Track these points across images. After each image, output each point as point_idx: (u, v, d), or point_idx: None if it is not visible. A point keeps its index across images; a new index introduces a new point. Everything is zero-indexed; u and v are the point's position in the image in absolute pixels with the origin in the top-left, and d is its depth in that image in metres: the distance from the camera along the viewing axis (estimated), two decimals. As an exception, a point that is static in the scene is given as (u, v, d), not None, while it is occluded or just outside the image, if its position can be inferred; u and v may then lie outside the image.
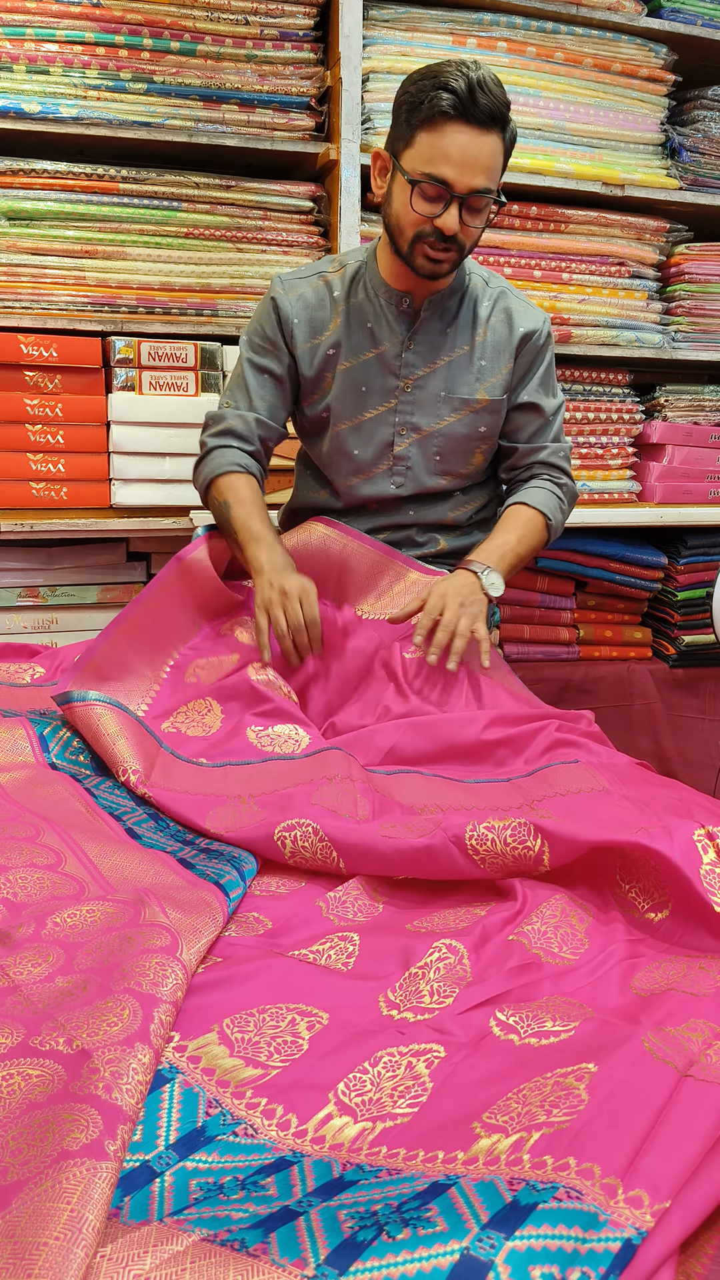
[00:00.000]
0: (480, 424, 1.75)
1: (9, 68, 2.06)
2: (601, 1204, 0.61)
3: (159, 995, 0.83)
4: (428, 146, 1.51)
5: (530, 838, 1.07)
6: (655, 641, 2.69)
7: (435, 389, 1.72)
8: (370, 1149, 0.73)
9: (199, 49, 2.15)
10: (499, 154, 1.53)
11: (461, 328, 1.72)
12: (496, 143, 1.52)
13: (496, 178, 1.55)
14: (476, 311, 1.73)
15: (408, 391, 1.72)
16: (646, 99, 2.49)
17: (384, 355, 1.72)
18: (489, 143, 1.51)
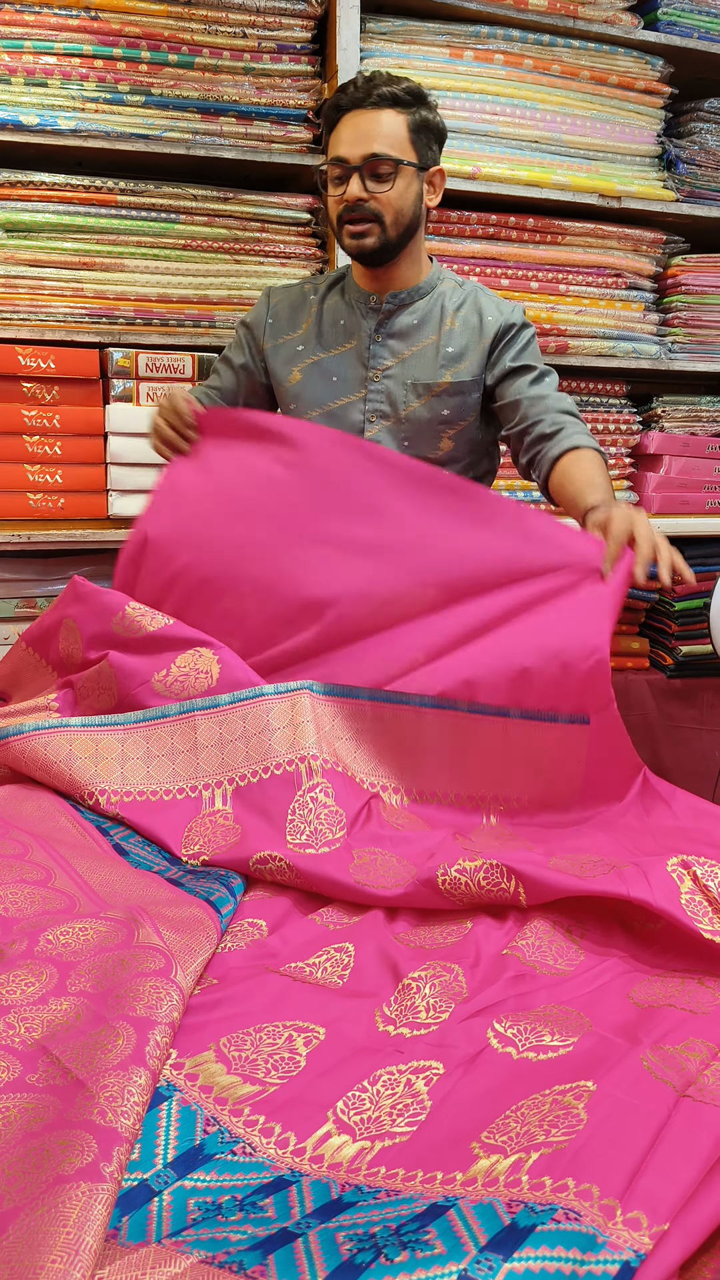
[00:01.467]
0: (444, 407, 1.79)
1: (7, 80, 2.06)
2: (600, 1226, 0.60)
3: (154, 1018, 0.82)
4: (331, 141, 1.69)
5: (504, 879, 1.06)
6: (653, 652, 2.69)
7: (402, 378, 1.79)
8: (369, 1169, 0.72)
9: (197, 62, 2.16)
10: (399, 127, 1.66)
11: (429, 322, 1.80)
12: (394, 117, 1.66)
13: (400, 146, 1.66)
14: (444, 305, 1.80)
15: (376, 381, 1.80)
16: (643, 111, 2.50)
17: (356, 349, 1.81)
18: (381, 117, 1.65)
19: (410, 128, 1.67)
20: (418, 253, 1.79)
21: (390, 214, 1.69)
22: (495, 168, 2.36)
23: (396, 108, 1.66)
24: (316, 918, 1.10)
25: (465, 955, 1.00)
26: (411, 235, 1.74)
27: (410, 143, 1.67)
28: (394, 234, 1.70)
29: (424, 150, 1.70)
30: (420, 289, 1.80)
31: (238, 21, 2.16)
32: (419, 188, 1.72)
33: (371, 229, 1.69)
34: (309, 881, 1.13)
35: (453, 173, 2.31)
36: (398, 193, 1.68)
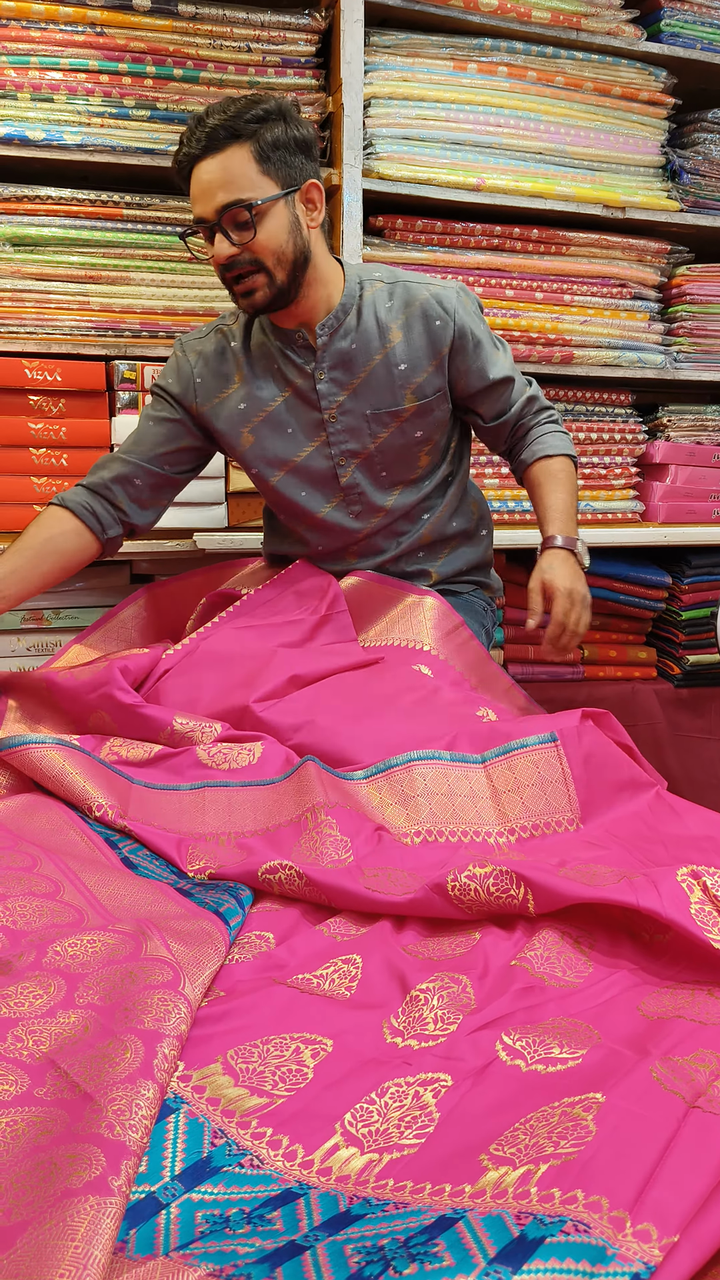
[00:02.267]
0: (416, 429, 1.72)
1: (13, 96, 2.08)
2: (610, 1237, 0.60)
3: (163, 1031, 0.82)
4: (190, 197, 1.55)
5: (513, 886, 1.06)
6: (660, 661, 2.69)
7: (361, 409, 1.69)
8: (377, 1181, 0.72)
9: (202, 76, 2.17)
10: (243, 162, 1.50)
11: (369, 340, 1.67)
12: (236, 154, 1.50)
13: (251, 184, 1.51)
14: (378, 316, 1.67)
15: (334, 421, 1.70)
16: (647, 122, 2.51)
17: (299, 391, 1.70)
18: (220, 161, 1.50)
19: (258, 157, 1.51)
20: (324, 275, 1.64)
21: (270, 258, 1.55)
22: (499, 179, 2.36)
23: (236, 142, 1.50)
24: (324, 929, 1.10)
25: (473, 966, 1.00)
26: (304, 267, 1.59)
27: (263, 174, 1.52)
28: (282, 276, 1.57)
29: (283, 172, 1.54)
30: (344, 306, 1.66)
31: (242, 36, 2.17)
32: (290, 215, 1.56)
33: (256, 281, 1.57)
34: (318, 890, 1.13)
35: (457, 184, 2.32)
36: (267, 234, 1.53)
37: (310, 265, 1.61)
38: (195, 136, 1.51)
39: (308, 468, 1.74)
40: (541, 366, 2.49)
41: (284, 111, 1.55)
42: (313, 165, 1.59)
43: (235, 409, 1.72)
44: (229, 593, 1.85)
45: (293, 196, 1.56)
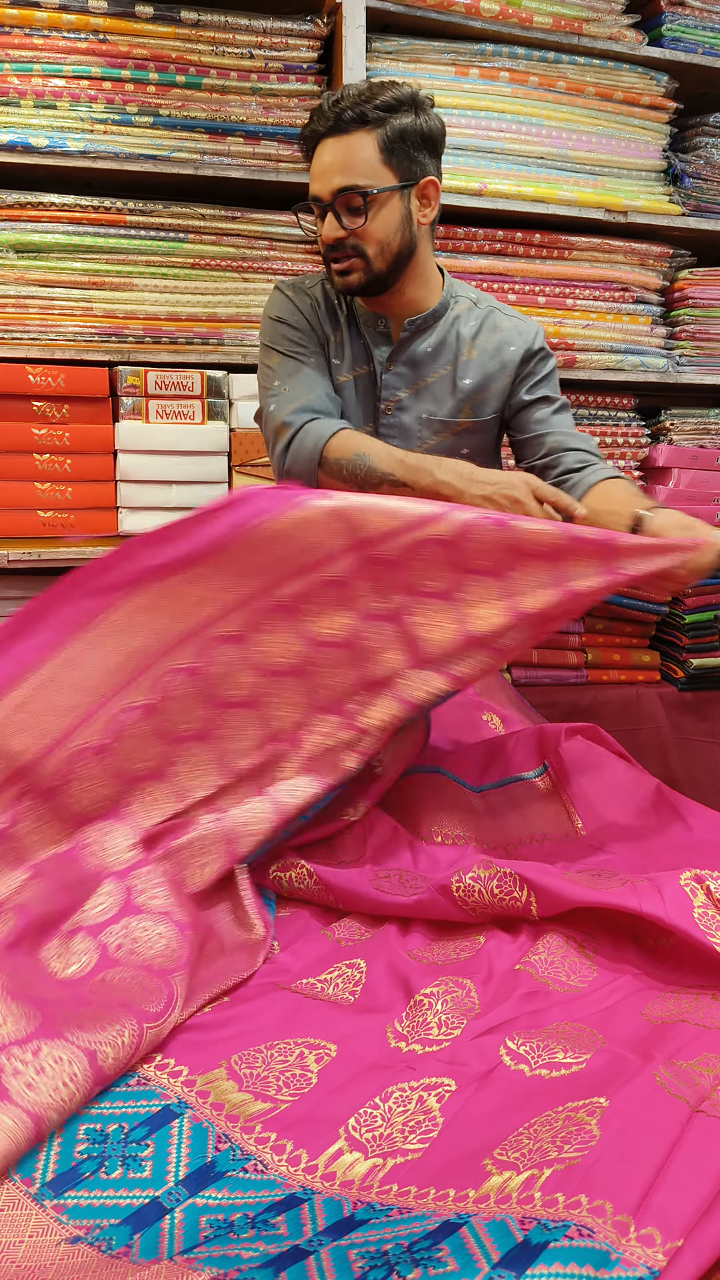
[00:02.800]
0: (462, 445, 1.72)
1: (17, 103, 2.08)
2: (613, 1242, 0.60)
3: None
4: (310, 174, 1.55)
5: (516, 888, 1.06)
6: (664, 665, 2.68)
7: (416, 412, 1.70)
8: (381, 1186, 0.72)
9: (204, 82, 2.17)
10: (369, 149, 1.50)
11: (444, 350, 1.68)
12: (363, 139, 1.50)
13: (372, 172, 1.51)
14: (460, 332, 1.68)
15: (389, 414, 1.70)
16: (648, 126, 2.51)
17: (370, 374, 1.70)
18: (346, 143, 1.50)
19: (382, 146, 1.51)
20: (424, 273, 1.65)
21: (373, 246, 1.55)
22: (502, 184, 2.37)
23: (365, 127, 1.50)
24: (328, 933, 1.10)
25: (477, 971, 1.00)
26: (407, 260, 1.60)
27: (384, 164, 1.52)
28: (380, 265, 1.57)
29: (405, 165, 1.54)
30: (435, 312, 1.67)
31: (244, 43, 2.18)
32: (404, 208, 1.56)
33: (354, 264, 1.56)
34: (327, 889, 1.13)
35: (459, 189, 2.33)
36: (378, 223, 1.54)
37: (413, 262, 1.61)
38: (325, 115, 1.51)
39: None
40: (544, 370, 2.50)
41: (417, 102, 1.54)
42: (435, 162, 1.59)
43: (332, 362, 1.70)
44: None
45: (409, 190, 1.55)
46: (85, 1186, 0.73)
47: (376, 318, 1.66)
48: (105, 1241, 0.68)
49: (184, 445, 2.18)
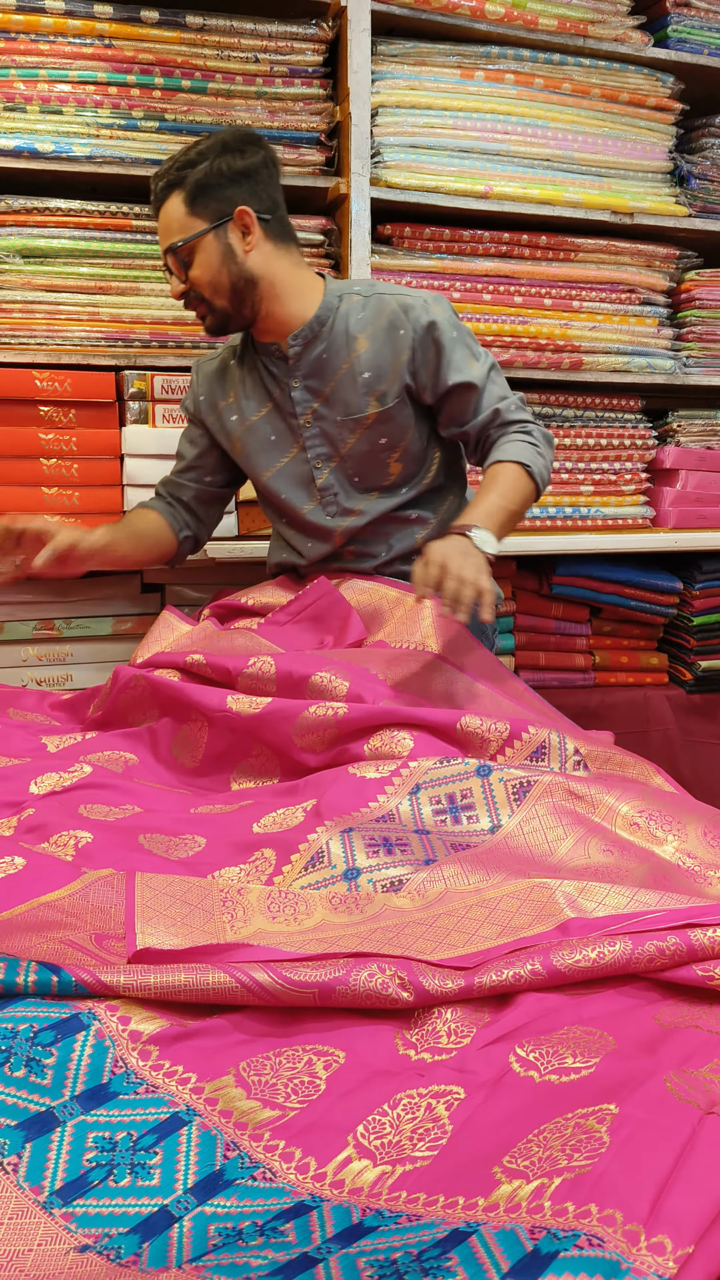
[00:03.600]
0: (380, 436, 1.76)
1: (23, 108, 2.09)
2: (624, 1252, 0.60)
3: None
4: None
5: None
6: (671, 667, 2.68)
7: (332, 418, 1.76)
8: (390, 1193, 0.72)
9: (210, 87, 2.18)
10: (178, 207, 1.65)
11: (337, 350, 1.74)
12: (172, 201, 1.66)
13: (183, 226, 1.66)
14: (348, 329, 1.73)
15: (309, 426, 1.78)
16: (654, 128, 2.51)
17: (277, 401, 1.80)
18: (164, 210, 1.67)
19: (187, 201, 1.64)
20: (287, 291, 1.72)
21: (205, 289, 1.69)
22: (507, 186, 2.37)
23: (172, 191, 1.65)
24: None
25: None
26: (251, 289, 1.69)
27: (191, 215, 1.65)
28: (222, 303, 1.70)
29: (213, 207, 1.65)
30: (318, 318, 1.73)
31: (250, 47, 2.18)
32: (222, 246, 1.66)
33: (201, 309, 1.73)
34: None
35: (464, 192, 2.33)
36: (200, 268, 1.67)
37: (260, 286, 1.70)
38: (153, 193, 1.69)
39: (290, 471, 1.83)
40: (550, 373, 2.49)
41: (224, 144, 1.65)
42: (247, 192, 1.67)
43: (230, 420, 1.86)
44: (232, 604, 1.85)
45: (224, 227, 1.66)
46: (94, 1194, 0.73)
47: (270, 345, 1.76)
48: (114, 1250, 0.68)
49: (190, 449, 2.18)
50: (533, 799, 1.27)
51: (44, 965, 0.90)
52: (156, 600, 2.33)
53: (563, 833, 1.22)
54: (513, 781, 1.29)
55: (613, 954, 0.94)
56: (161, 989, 0.90)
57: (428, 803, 1.29)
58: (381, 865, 1.18)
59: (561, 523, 2.57)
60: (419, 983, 0.92)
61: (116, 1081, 0.83)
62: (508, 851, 1.21)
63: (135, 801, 1.40)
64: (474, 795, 1.29)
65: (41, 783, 1.40)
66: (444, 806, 1.29)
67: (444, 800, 1.28)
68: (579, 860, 1.19)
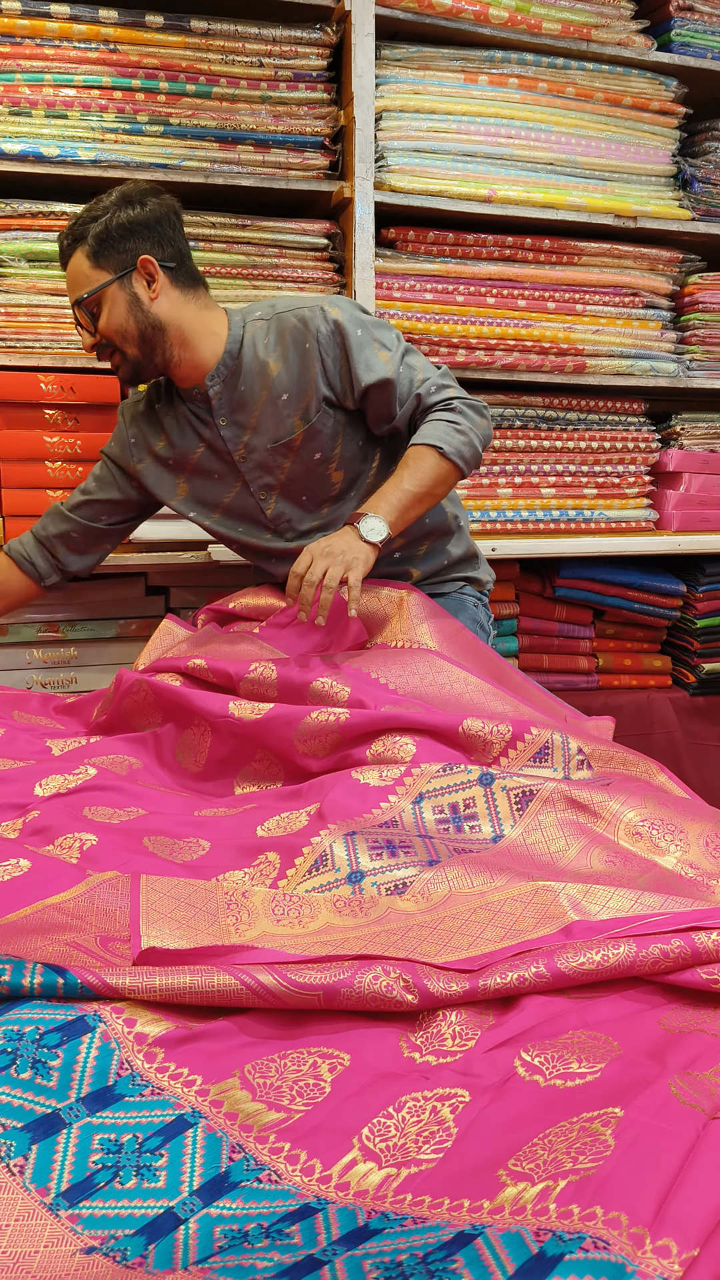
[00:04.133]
0: (313, 452, 1.76)
1: (28, 113, 2.09)
2: (629, 1254, 0.60)
3: None
4: None
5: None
6: (675, 669, 2.68)
7: (262, 445, 1.76)
8: (395, 1196, 0.72)
9: (214, 91, 2.18)
10: (81, 262, 1.67)
11: (251, 379, 1.74)
12: (76, 257, 1.68)
13: (88, 279, 1.67)
14: (258, 354, 1.73)
15: (245, 461, 1.78)
16: (658, 131, 2.51)
17: (209, 442, 1.80)
18: (70, 265, 1.69)
19: (90, 254, 1.66)
20: (195, 335, 1.72)
21: (116, 337, 1.70)
22: (511, 190, 2.37)
23: (76, 246, 1.67)
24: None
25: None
26: (160, 336, 1.70)
27: (95, 267, 1.66)
28: (133, 351, 1.71)
29: (115, 258, 1.66)
30: (229, 353, 1.74)
31: (254, 51, 2.19)
32: (127, 296, 1.67)
33: (115, 359, 1.73)
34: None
35: (468, 196, 2.33)
36: (109, 318, 1.68)
37: (169, 332, 1.70)
38: (60, 250, 1.71)
39: (237, 507, 1.84)
40: (554, 376, 2.50)
41: (125, 198, 1.68)
42: (150, 242, 1.68)
43: (164, 463, 1.85)
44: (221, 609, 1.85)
45: (128, 277, 1.67)
46: (100, 1196, 0.73)
47: (191, 390, 1.77)
48: (120, 1252, 0.68)
49: (195, 452, 2.18)
50: (534, 810, 1.27)
51: (49, 967, 0.90)
52: (161, 603, 2.34)
53: (565, 844, 1.23)
54: (515, 790, 1.29)
55: (617, 956, 0.94)
56: (167, 991, 0.90)
57: (431, 811, 1.30)
58: (385, 868, 1.18)
59: (565, 525, 2.57)
60: (423, 985, 0.92)
61: (122, 1084, 0.83)
62: (511, 855, 1.22)
63: (140, 804, 1.40)
64: (477, 805, 1.29)
65: (46, 785, 1.40)
66: (447, 816, 1.29)
67: (447, 810, 1.29)
68: (581, 869, 1.19)
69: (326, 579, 1.53)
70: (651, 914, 1.02)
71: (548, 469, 2.54)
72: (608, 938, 0.97)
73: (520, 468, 2.52)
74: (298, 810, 1.32)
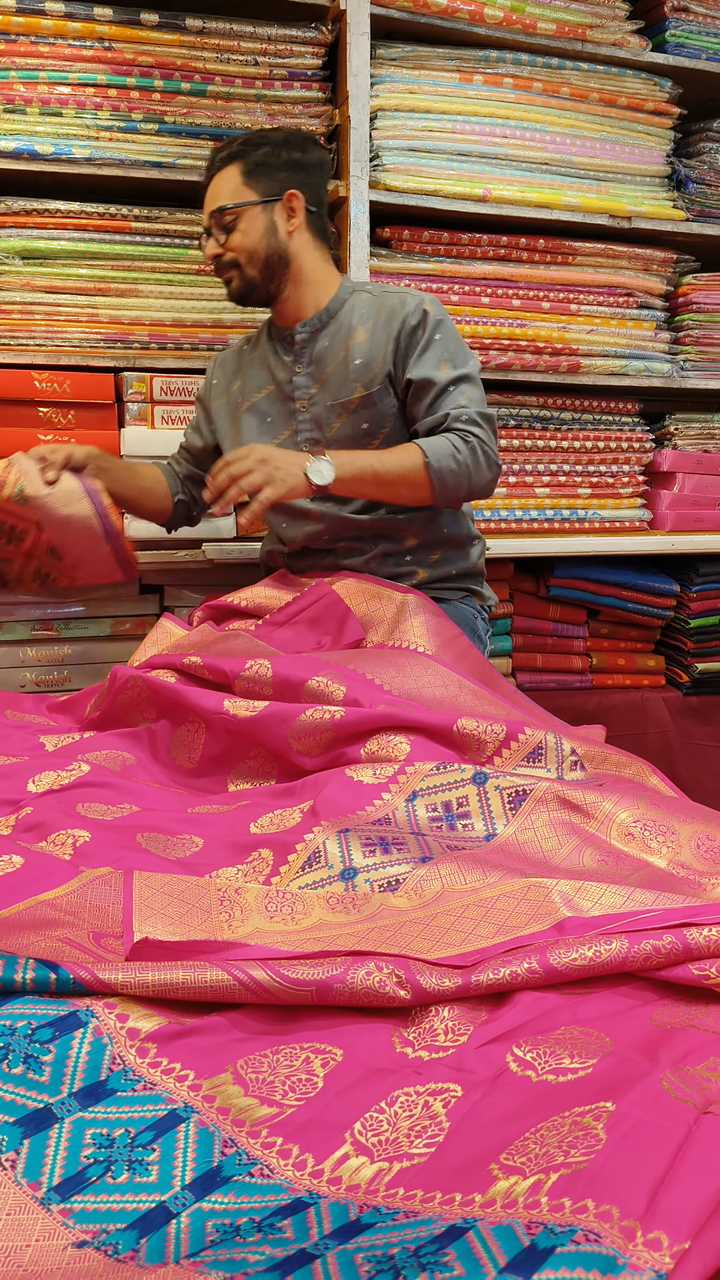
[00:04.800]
0: (361, 420, 1.82)
1: (23, 110, 2.09)
2: (620, 1247, 0.60)
3: None
4: None
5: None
6: (668, 669, 2.68)
7: (324, 400, 1.83)
8: (387, 1190, 0.72)
9: (209, 89, 2.18)
10: (233, 176, 1.77)
11: (339, 339, 1.82)
12: (228, 172, 1.78)
13: (235, 193, 1.77)
14: (352, 322, 1.83)
15: (304, 411, 1.85)
16: (652, 132, 2.52)
17: (280, 385, 1.87)
18: (219, 178, 1.79)
19: (244, 172, 1.76)
20: (310, 279, 1.83)
21: (243, 255, 1.79)
22: (505, 190, 2.37)
23: (231, 162, 1.77)
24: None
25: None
26: (284, 268, 1.81)
27: (245, 185, 1.76)
28: (253, 272, 1.80)
29: (266, 184, 1.77)
30: (329, 310, 1.83)
31: (249, 50, 2.19)
32: (267, 220, 1.78)
33: (231, 275, 1.81)
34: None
35: (463, 195, 2.33)
36: (242, 235, 1.77)
37: (291, 267, 1.82)
38: (210, 161, 1.80)
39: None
40: (548, 376, 2.50)
41: (288, 140, 1.80)
42: (300, 181, 1.78)
43: (231, 400, 1.94)
44: (223, 605, 1.85)
45: (272, 205, 1.78)
46: (92, 1190, 0.73)
47: (284, 330, 1.88)
48: (112, 1245, 0.68)
49: (189, 451, 2.19)
50: (527, 810, 1.27)
51: (42, 963, 0.90)
52: (155, 601, 2.33)
53: (558, 843, 1.23)
54: (508, 789, 1.29)
55: (609, 953, 0.94)
56: (159, 986, 0.90)
57: (424, 809, 1.30)
58: (378, 864, 1.18)
59: (559, 525, 2.57)
60: (416, 981, 0.92)
61: (114, 1079, 0.83)
62: (504, 853, 1.22)
63: (133, 800, 1.40)
64: (470, 804, 1.29)
65: (39, 781, 1.40)
66: (440, 814, 1.29)
67: (440, 808, 1.29)
68: (574, 866, 1.20)
69: (245, 482, 1.61)
70: (644, 910, 1.02)
71: (542, 468, 2.54)
72: (600, 934, 0.97)
73: (514, 467, 2.53)
74: (291, 807, 1.32)
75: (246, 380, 1.92)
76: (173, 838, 1.29)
